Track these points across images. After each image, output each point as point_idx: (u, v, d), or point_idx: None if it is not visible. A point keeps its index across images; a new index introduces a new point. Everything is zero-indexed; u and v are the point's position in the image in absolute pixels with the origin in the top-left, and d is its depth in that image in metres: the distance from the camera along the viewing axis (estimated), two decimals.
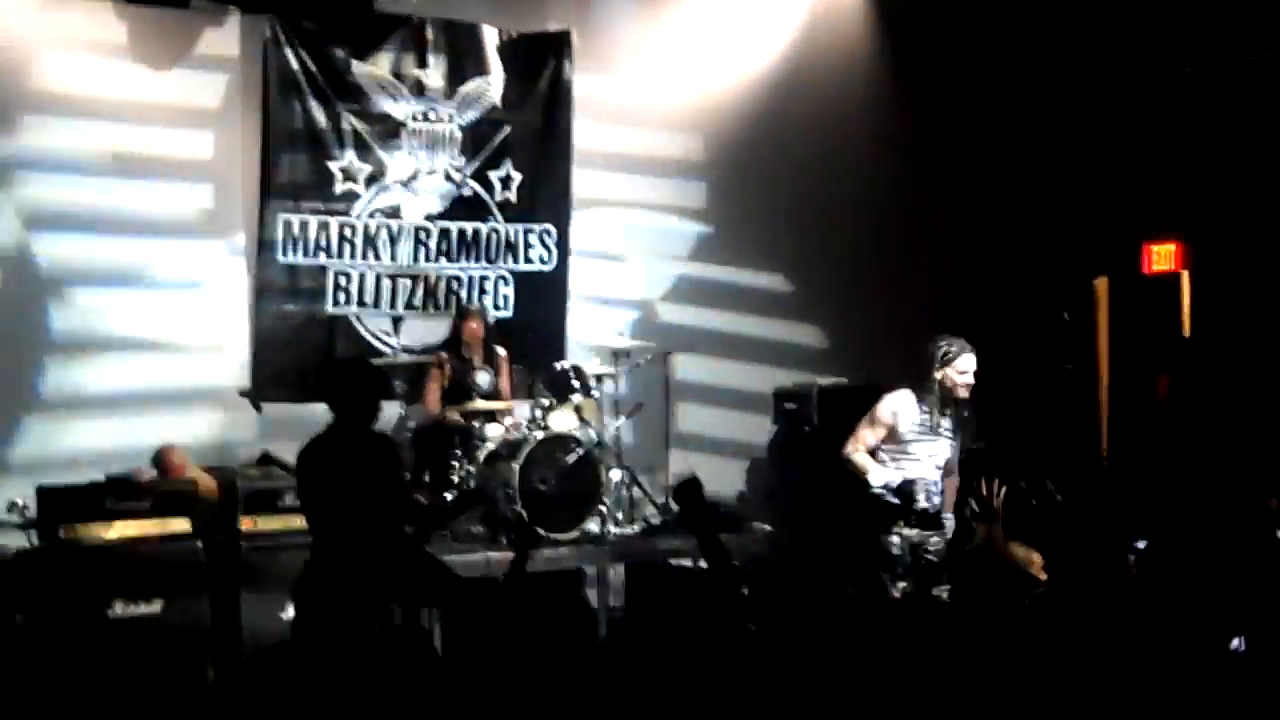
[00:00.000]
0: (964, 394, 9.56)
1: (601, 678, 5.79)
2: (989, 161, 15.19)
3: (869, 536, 9.59)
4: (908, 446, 9.57)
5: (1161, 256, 14.46)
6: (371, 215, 12.84)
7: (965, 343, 9.62)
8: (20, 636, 9.14)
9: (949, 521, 9.61)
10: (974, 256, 15.12)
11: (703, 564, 9.58)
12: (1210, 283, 14.27)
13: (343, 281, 12.73)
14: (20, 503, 10.32)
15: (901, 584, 9.39)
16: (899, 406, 9.59)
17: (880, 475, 9.52)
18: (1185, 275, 14.39)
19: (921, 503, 9.42)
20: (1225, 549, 8.81)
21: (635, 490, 12.48)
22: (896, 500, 9.48)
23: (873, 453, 9.62)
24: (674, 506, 9.34)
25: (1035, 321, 14.33)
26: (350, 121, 12.72)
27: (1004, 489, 8.83)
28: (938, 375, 9.53)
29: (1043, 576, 8.68)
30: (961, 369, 9.53)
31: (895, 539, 9.49)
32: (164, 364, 12.12)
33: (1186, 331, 14.20)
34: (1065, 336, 14.03)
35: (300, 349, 12.52)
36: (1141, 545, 9.20)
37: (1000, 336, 13.52)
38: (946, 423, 9.64)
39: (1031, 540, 9.49)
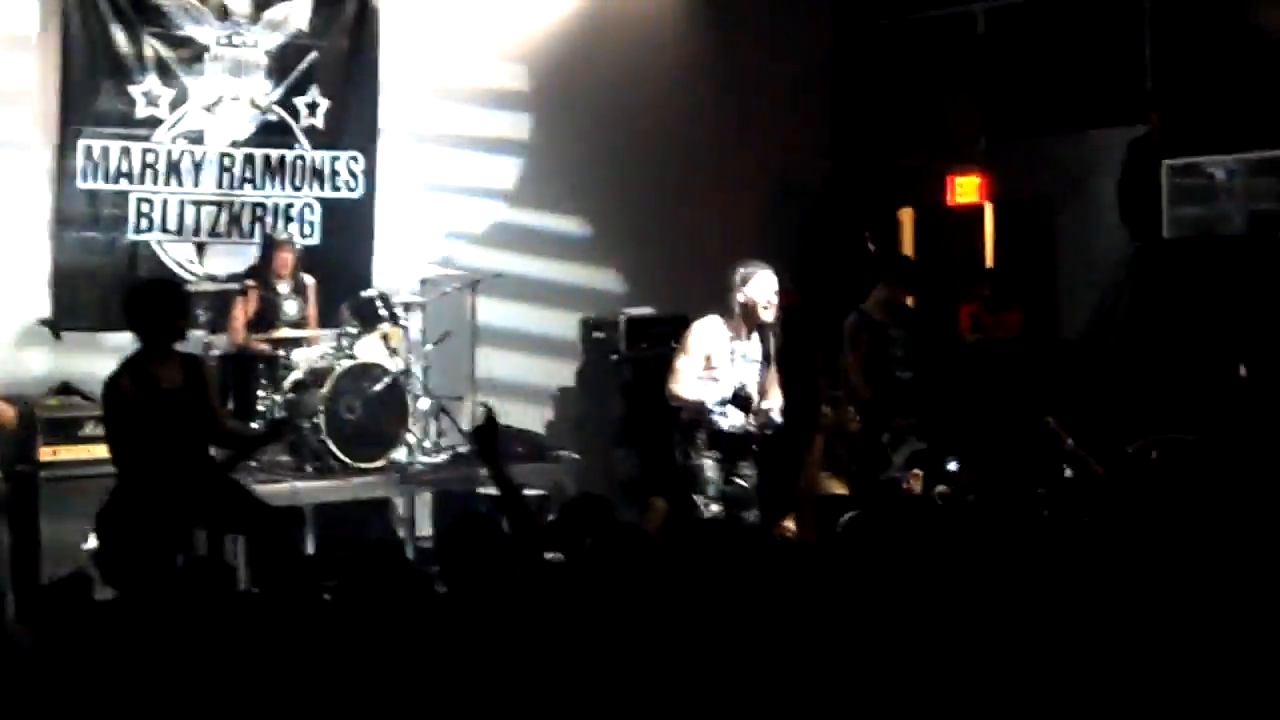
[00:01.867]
0: (766, 315, 9.61)
1: (407, 607, 5.78)
2: (797, 91, 15.29)
3: (681, 461, 9.65)
4: (718, 372, 9.63)
5: (965, 189, 14.67)
6: (174, 140, 12.62)
7: (764, 265, 9.69)
8: None
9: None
10: (782, 188, 15.22)
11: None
12: (1011, 215, 14.54)
13: (145, 208, 12.51)
14: None
15: (714, 508, 9.47)
16: (707, 332, 9.65)
17: (714, 393, 9.56)
18: (989, 207, 14.62)
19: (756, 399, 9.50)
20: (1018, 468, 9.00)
21: (443, 419, 12.44)
22: (738, 409, 9.53)
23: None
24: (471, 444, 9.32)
25: (843, 252, 14.46)
26: (152, 45, 12.47)
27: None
28: (739, 298, 9.60)
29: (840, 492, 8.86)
30: (760, 288, 9.60)
31: (708, 463, 9.57)
32: None
33: (989, 263, 14.44)
34: (870, 267, 14.17)
35: (102, 277, 12.29)
36: (952, 466, 9.36)
37: (809, 268, 13.70)
38: (754, 346, 9.71)
39: (834, 466, 9.67)
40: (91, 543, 9.05)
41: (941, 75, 14.92)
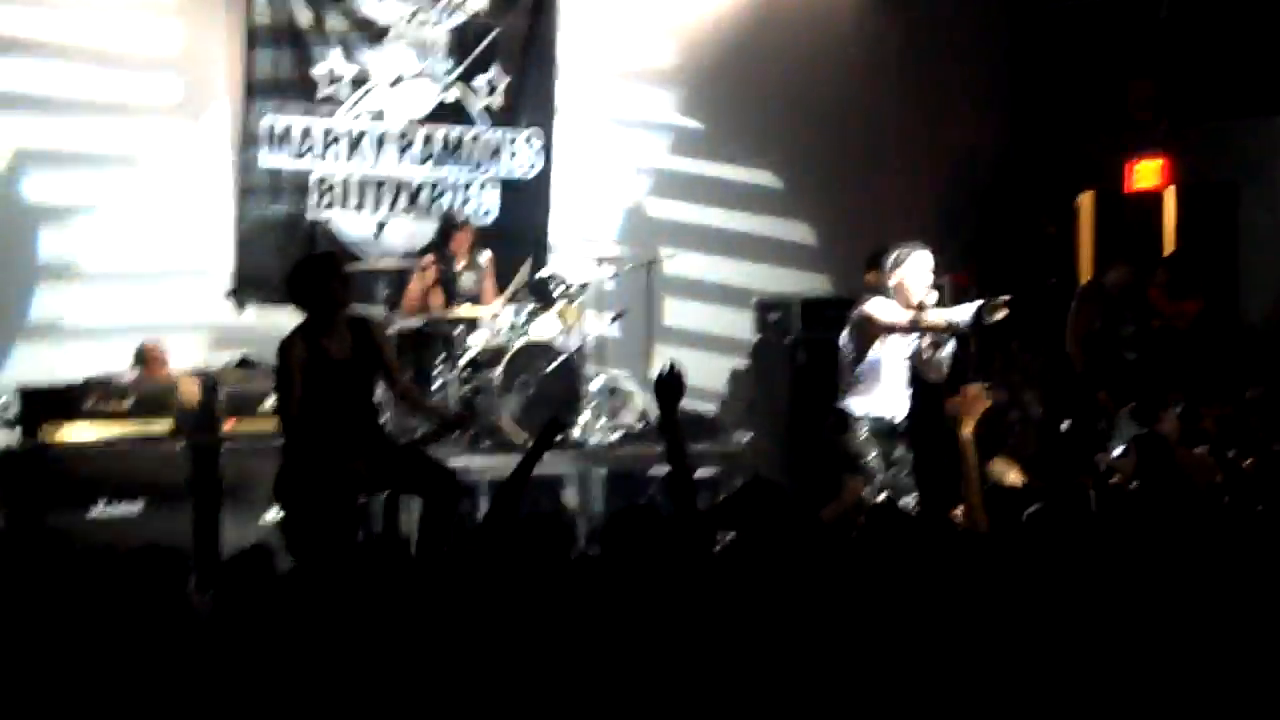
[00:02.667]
0: (924, 296, 9.47)
1: (579, 587, 5.81)
2: (976, 73, 15.15)
3: (843, 447, 9.59)
4: (882, 352, 9.56)
5: (1145, 173, 14.46)
6: (356, 118, 12.78)
7: (920, 245, 9.57)
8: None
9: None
10: (958, 170, 15.09)
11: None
12: (1195, 201, 14.31)
13: (325, 184, 12.69)
14: (2, 401, 10.37)
15: (878, 494, 9.40)
16: (884, 308, 9.55)
17: (951, 314, 9.43)
18: (1170, 192, 14.41)
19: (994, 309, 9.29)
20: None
21: (617, 397, 12.48)
22: (978, 319, 9.30)
23: (851, 366, 9.59)
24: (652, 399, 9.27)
25: (1021, 236, 14.34)
26: (336, 23, 12.66)
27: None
28: (893, 280, 9.49)
29: (1019, 482, 8.73)
30: (916, 268, 9.48)
31: (870, 451, 9.50)
32: (149, 262, 12.10)
33: (1169, 249, 14.22)
34: (1049, 250, 14.05)
35: (283, 251, 12.47)
36: (1117, 453, 9.23)
37: (987, 251, 13.59)
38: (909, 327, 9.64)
39: (1010, 453, 9.56)
40: (273, 514, 9.20)
41: (1123, 57, 14.70)
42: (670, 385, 7.38)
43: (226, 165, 12.45)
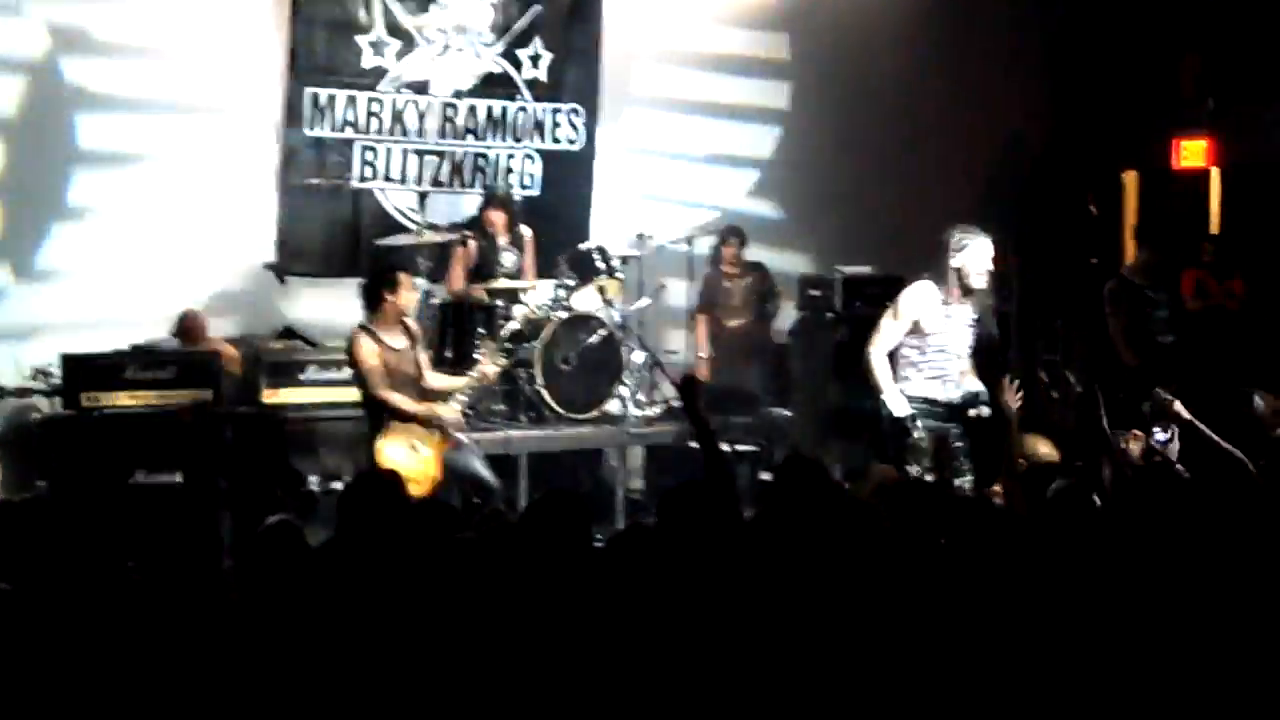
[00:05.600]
0: (980, 283, 9.50)
1: (617, 561, 5.83)
2: (1020, 51, 15.09)
3: (893, 424, 9.58)
4: (930, 339, 9.55)
5: (1191, 153, 14.41)
6: (399, 90, 12.78)
7: (980, 231, 9.58)
8: (42, 503, 9.19)
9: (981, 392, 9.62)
10: (1003, 150, 15.05)
11: (725, 447, 9.65)
12: (1240, 181, 14.24)
13: (369, 156, 12.69)
14: (45, 369, 10.43)
15: (920, 471, 9.39)
16: (921, 297, 9.55)
17: (892, 399, 9.49)
18: (1215, 172, 14.35)
19: (915, 434, 9.41)
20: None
21: (656, 373, 12.49)
22: (891, 426, 9.49)
23: (894, 352, 9.60)
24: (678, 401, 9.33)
25: (1064, 214, 14.29)
26: None
27: (1020, 388, 8.89)
28: (954, 264, 9.49)
29: (1055, 457, 8.73)
30: (977, 255, 9.48)
31: (918, 429, 9.49)
32: (189, 234, 12.10)
33: (1215, 229, 14.16)
34: (1093, 230, 13.99)
35: (326, 223, 12.53)
36: (1161, 436, 9.17)
37: (1030, 229, 13.54)
38: (967, 312, 9.62)
39: (1050, 431, 9.53)
40: (315, 484, 9.29)
41: (1169, 36, 14.64)
42: (686, 390, 7.82)
43: (270, 141, 12.44)
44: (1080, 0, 15.16)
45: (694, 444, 9.91)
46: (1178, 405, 8.97)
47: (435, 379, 10.09)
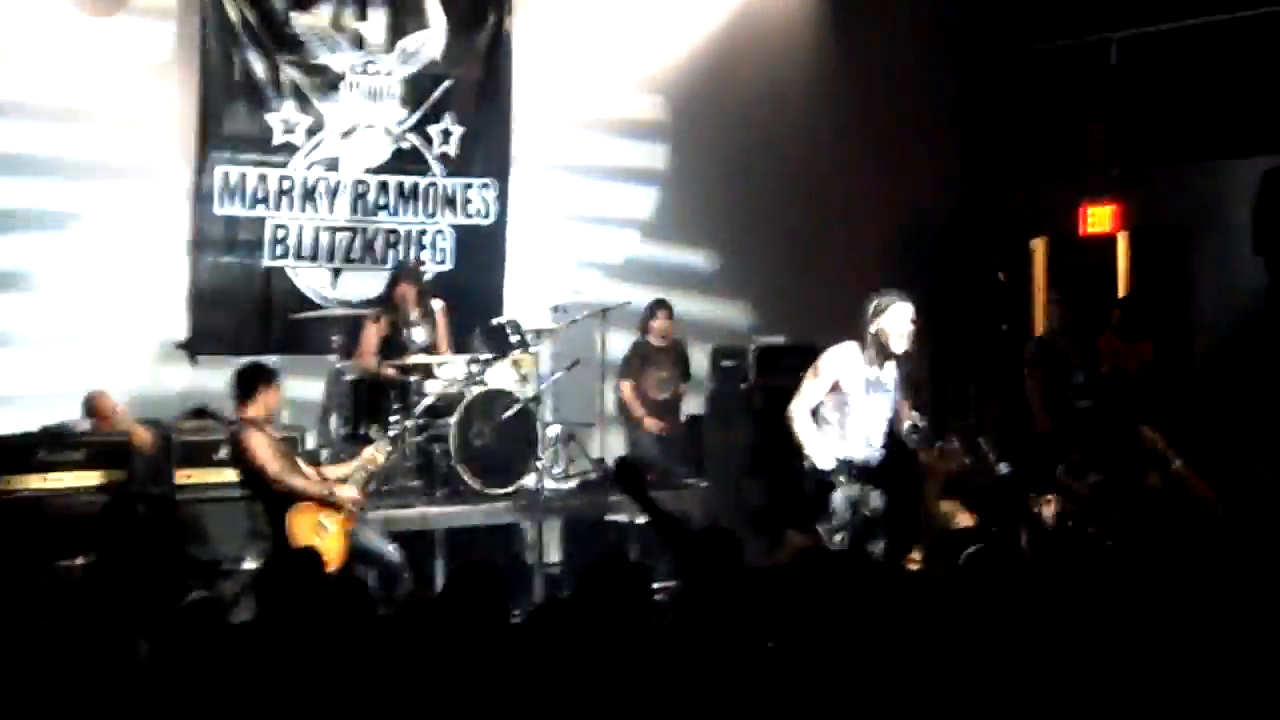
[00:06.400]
0: (900, 346, 9.54)
1: (536, 636, 5.81)
2: (928, 121, 15.23)
3: (815, 485, 9.59)
4: (849, 399, 9.58)
5: (1098, 218, 14.56)
6: (310, 167, 12.77)
7: (900, 294, 9.63)
8: None
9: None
10: (913, 217, 15.15)
11: (639, 519, 9.65)
12: (1147, 245, 14.41)
13: (281, 234, 12.66)
14: None
15: (838, 537, 9.41)
16: (841, 358, 9.59)
17: (816, 453, 9.51)
18: (1122, 236, 14.51)
19: (842, 485, 9.44)
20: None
21: (572, 446, 12.49)
22: (814, 487, 9.51)
23: (816, 410, 9.62)
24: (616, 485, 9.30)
25: (973, 280, 14.41)
26: (289, 73, 12.64)
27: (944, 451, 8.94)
28: (873, 329, 9.53)
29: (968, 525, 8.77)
30: (895, 319, 9.53)
31: (837, 494, 9.50)
32: (98, 311, 12.00)
33: (1123, 292, 14.31)
34: (1002, 297, 14.11)
35: (237, 302, 12.48)
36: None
37: (939, 298, 13.64)
38: (888, 376, 9.67)
39: (965, 498, 9.58)
40: (250, 563, 9.26)
41: (1074, 105, 14.83)
42: (629, 476, 7.65)
43: (181, 218, 12.38)
44: (986, 68, 15.33)
45: (616, 516, 9.96)
46: (1152, 433, 9.01)
47: (328, 469, 10.08)
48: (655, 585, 6.82)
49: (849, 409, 9.60)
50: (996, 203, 15.01)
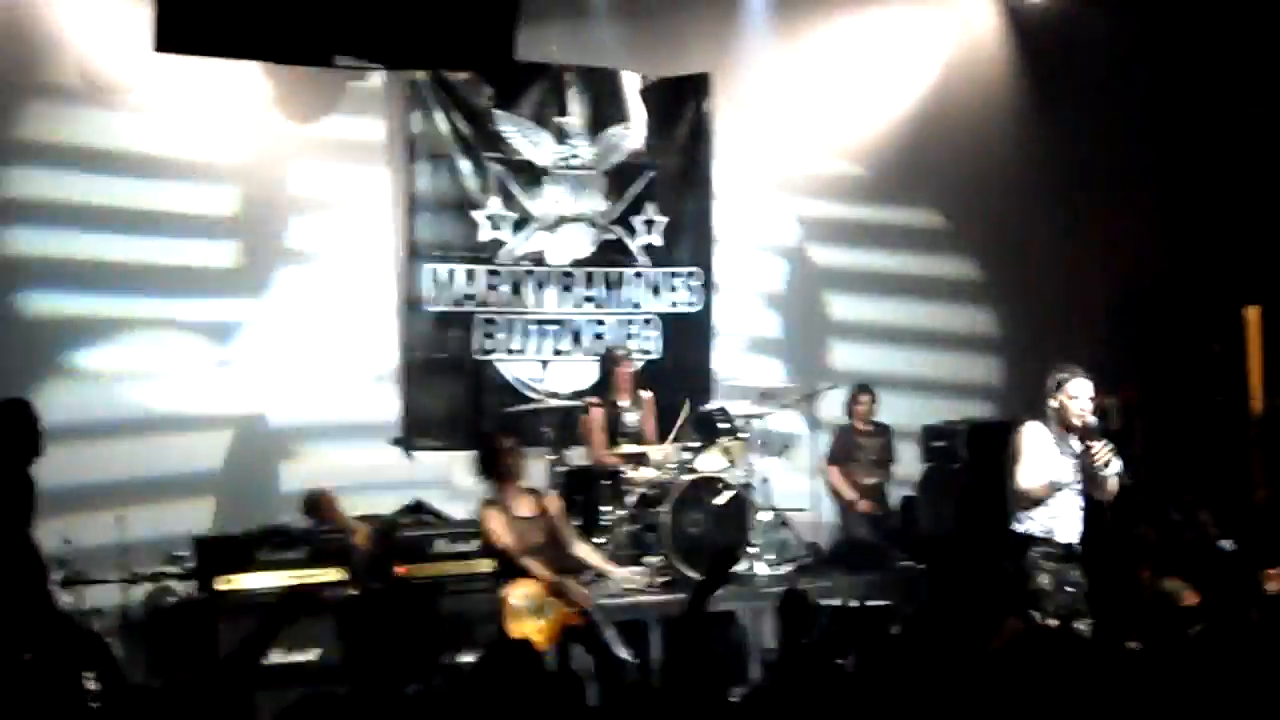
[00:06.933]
0: (1079, 421, 9.38)
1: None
2: (1131, 188, 15.04)
3: (1016, 572, 9.47)
4: (1049, 475, 9.46)
5: None
6: (516, 262, 12.94)
7: (1079, 369, 9.49)
8: (180, 688, 9.24)
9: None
10: (1124, 287, 14.97)
11: (852, 603, 9.61)
12: None
13: (489, 329, 12.84)
14: (180, 554, 10.55)
15: (1051, 620, 9.27)
16: (1033, 437, 9.47)
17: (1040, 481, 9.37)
18: None
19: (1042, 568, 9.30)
20: None
21: (785, 530, 12.46)
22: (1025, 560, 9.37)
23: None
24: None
25: (1186, 352, 14.19)
26: (494, 169, 12.85)
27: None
28: (1053, 404, 9.41)
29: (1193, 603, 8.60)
30: (1074, 394, 9.39)
31: (1043, 575, 9.37)
32: (312, 405, 12.31)
33: None
34: (1216, 367, 13.88)
35: (449, 396, 12.66)
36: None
37: (1152, 368, 13.46)
38: (1074, 449, 9.53)
39: (1184, 574, 9.41)
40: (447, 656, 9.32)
41: None
42: (725, 560, 7.91)
43: (390, 314, 12.63)
44: (1195, 134, 15.11)
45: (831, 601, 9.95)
46: None
47: (579, 547, 10.08)
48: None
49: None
50: (1208, 271, 14.76)
